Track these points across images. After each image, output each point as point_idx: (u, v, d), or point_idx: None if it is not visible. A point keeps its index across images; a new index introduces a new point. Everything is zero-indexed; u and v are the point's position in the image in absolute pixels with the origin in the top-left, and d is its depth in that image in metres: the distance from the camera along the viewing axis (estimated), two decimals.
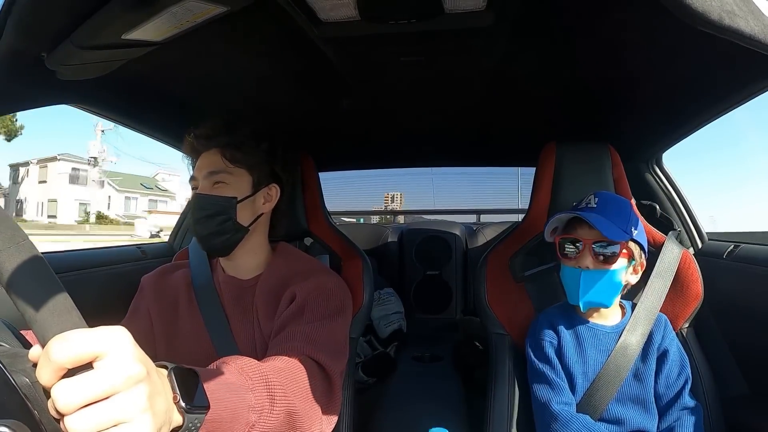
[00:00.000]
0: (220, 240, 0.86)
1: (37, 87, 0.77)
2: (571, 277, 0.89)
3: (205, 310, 0.89)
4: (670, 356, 0.89)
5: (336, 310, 0.83)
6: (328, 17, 0.73)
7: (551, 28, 0.82)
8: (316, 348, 0.72)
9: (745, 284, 1.03)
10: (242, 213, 0.87)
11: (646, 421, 0.86)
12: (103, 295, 1.13)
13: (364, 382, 1.55)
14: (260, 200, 0.91)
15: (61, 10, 0.61)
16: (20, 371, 0.37)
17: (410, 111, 1.28)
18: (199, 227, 0.85)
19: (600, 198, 0.90)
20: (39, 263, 0.36)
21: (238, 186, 0.88)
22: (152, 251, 1.43)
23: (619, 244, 0.86)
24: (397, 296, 1.92)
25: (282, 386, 0.59)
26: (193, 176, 0.89)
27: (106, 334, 0.34)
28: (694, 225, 1.26)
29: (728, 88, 0.91)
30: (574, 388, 0.90)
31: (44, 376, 0.32)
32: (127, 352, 0.34)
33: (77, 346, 0.32)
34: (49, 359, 0.31)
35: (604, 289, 0.87)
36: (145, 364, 0.35)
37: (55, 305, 0.35)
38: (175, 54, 0.81)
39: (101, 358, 0.33)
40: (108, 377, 0.32)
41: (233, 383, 0.52)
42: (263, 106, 1.18)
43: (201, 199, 0.86)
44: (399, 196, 5.19)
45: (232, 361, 0.57)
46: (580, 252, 0.88)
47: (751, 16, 0.43)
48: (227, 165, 0.87)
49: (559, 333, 0.93)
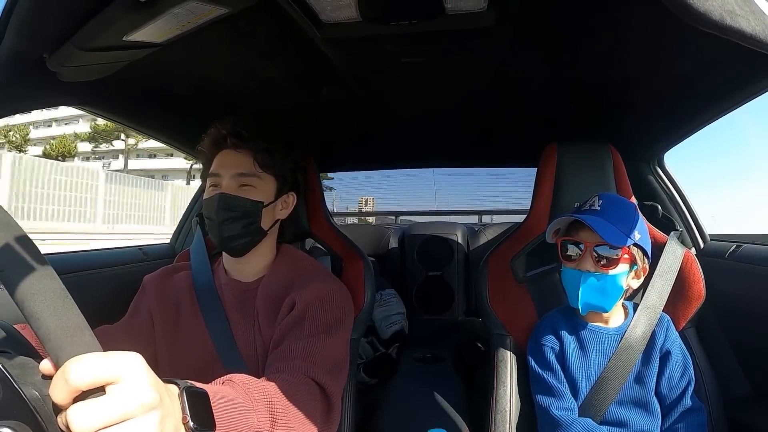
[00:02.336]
0: (242, 242, 0.86)
1: (39, 88, 0.78)
2: (571, 280, 0.88)
3: (206, 313, 0.89)
4: (672, 357, 0.88)
5: (336, 320, 0.83)
6: (330, 18, 0.73)
7: (552, 28, 0.82)
8: (317, 368, 0.73)
9: (747, 284, 1.02)
10: (265, 218, 0.88)
11: (648, 422, 0.86)
12: (104, 297, 1.13)
13: (365, 383, 1.55)
14: (279, 206, 0.93)
15: (62, 12, 0.61)
16: (30, 384, 0.37)
17: (411, 112, 1.28)
18: (223, 228, 0.85)
19: (604, 200, 0.89)
20: (52, 280, 0.36)
21: (265, 191, 0.88)
22: (153, 252, 1.43)
23: (621, 248, 0.85)
24: (398, 297, 1.92)
25: (284, 409, 0.61)
26: (216, 173, 0.88)
27: (122, 359, 0.35)
28: (696, 225, 1.26)
29: (729, 87, 0.91)
30: (576, 392, 0.89)
31: (58, 395, 0.33)
32: (142, 379, 0.35)
33: (94, 371, 0.33)
34: (66, 381, 0.33)
35: (603, 293, 0.86)
36: (158, 389, 0.37)
37: (69, 324, 0.35)
38: (177, 55, 0.81)
39: (116, 383, 0.34)
40: (123, 403, 0.33)
41: (239, 403, 0.54)
42: (264, 107, 1.18)
43: (229, 200, 0.85)
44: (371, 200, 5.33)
45: (239, 380, 0.59)
46: (581, 255, 0.87)
47: (752, 16, 0.43)
48: (257, 169, 0.87)
49: (561, 337, 0.92)
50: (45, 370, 0.37)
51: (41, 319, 0.35)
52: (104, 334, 0.84)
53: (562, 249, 0.91)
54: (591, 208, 0.89)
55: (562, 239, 0.91)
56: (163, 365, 0.88)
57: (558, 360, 0.91)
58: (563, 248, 0.91)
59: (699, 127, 1.11)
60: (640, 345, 0.88)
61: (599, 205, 0.88)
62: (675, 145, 1.26)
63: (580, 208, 0.92)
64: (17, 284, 0.35)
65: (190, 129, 0.91)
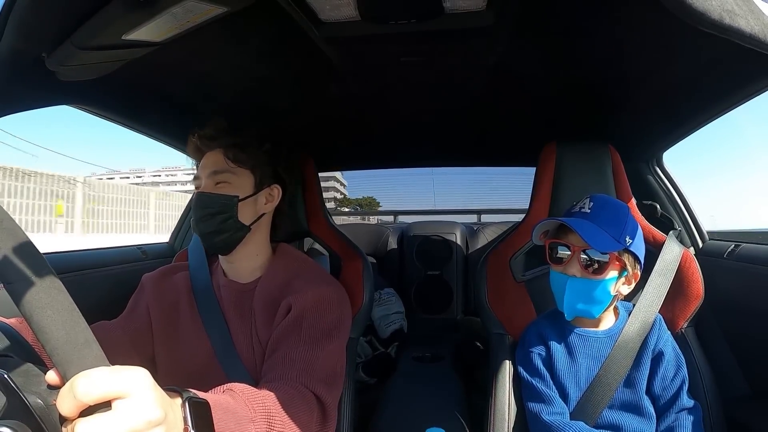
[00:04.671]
0: (221, 238, 0.86)
1: (38, 87, 0.78)
2: (557, 284, 0.87)
3: (204, 314, 0.89)
4: (665, 357, 0.87)
5: (333, 325, 0.83)
6: (329, 17, 0.73)
7: (551, 27, 0.82)
8: (313, 378, 0.74)
9: (745, 284, 1.02)
10: (244, 212, 0.88)
11: (642, 425, 0.84)
12: (103, 296, 1.13)
13: (364, 382, 1.55)
14: (262, 200, 0.92)
15: (61, 11, 0.61)
16: (35, 393, 0.38)
17: (410, 111, 1.28)
18: (201, 225, 0.86)
19: (595, 202, 0.86)
20: (60, 293, 0.37)
21: (241, 185, 0.89)
22: (152, 252, 1.43)
23: (609, 255, 0.82)
24: (397, 296, 1.92)
25: (281, 420, 0.63)
26: (197, 175, 0.91)
27: (129, 375, 0.36)
28: (695, 224, 1.26)
29: (728, 87, 0.91)
30: (566, 398, 0.88)
31: (65, 408, 0.34)
32: (148, 395, 0.36)
33: (102, 387, 0.34)
34: (74, 396, 0.33)
35: (590, 300, 0.84)
36: (163, 406, 0.37)
37: (77, 338, 0.36)
38: (176, 54, 0.81)
39: (122, 399, 0.35)
40: (129, 420, 0.34)
41: (238, 414, 0.56)
42: (263, 106, 1.18)
43: (203, 197, 0.87)
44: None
45: (239, 390, 0.60)
46: (568, 259, 0.85)
47: (751, 16, 0.43)
48: (230, 165, 0.88)
49: (548, 344, 0.91)
50: (51, 381, 0.38)
51: (50, 332, 0.35)
52: (102, 330, 0.84)
53: (551, 251, 0.89)
54: (581, 211, 0.86)
55: (550, 241, 0.89)
56: (161, 365, 0.89)
57: (546, 366, 0.90)
58: (552, 250, 0.88)
59: (698, 127, 1.11)
60: (634, 346, 0.87)
61: (589, 207, 0.85)
62: (674, 145, 1.26)
63: (570, 210, 0.90)
64: (26, 298, 0.35)
65: (188, 128, 0.91)
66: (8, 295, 0.35)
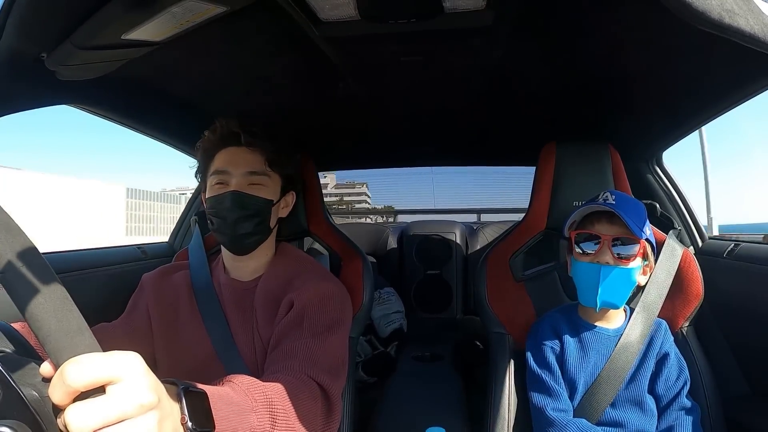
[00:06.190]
0: (252, 240, 0.87)
1: (38, 87, 0.77)
2: (588, 274, 0.86)
3: (205, 312, 0.89)
4: (670, 359, 0.88)
5: (335, 320, 0.83)
6: (328, 17, 0.73)
7: (551, 27, 0.82)
8: (316, 368, 0.73)
9: (745, 283, 1.02)
10: (272, 216, 0.89)
11: (644, 422, 0.86)
12: (103, 295, 1.13)
13: (364, 382, 1.55)
14: (282, 205, 0.94)
15: (61, 11, 0.61)
16: (29, 385, 0.37)
17: (410, 110, 1.28)
18: (237, 226, 0.84)
19: (617, 196, 0.88)
20: (52, 282, 0.36)
21: (272, 189, 0.89)
22: (152, 251, 1.43)
23: (639, 242, 0.85)
24: (397, 295, 1.92)
25: (284, 409, 0.61)
26: (224, 170, 0.86)
27: (121, 359, 0.35)
28: (695, 224, 1.26)
29: (728, 86, 0.91)
30: (574, 393, 0.89)
31: (57, 396, 0.33)
32: (141, 380, 0.35)
33: (92, 371, 0.33)
34: (64, 382, 0.32)
35: (620, 288, 0.85)
36: (157, 390, 0.36)
37: (69, 326, 0.35)
38: (175, 54, 0.81)
39: (115, 383, 0.34)
40: (121, 404, 0.33)
41: (238, 404, 0.54)
42: (263, 106, 1.18)
43: (241, 197, 0.85)
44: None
45: (238, 380, 0.58)
46: (598, 248, 0.86)
47: (750, 15, 0.43)
48: (266, 168, 0.88)
49: (562, 338, 0.91)
50: (45, 372, 0.36)
51: (41, 320, 0.34)
52: (102, 331, 0.84)
53: (578, 242, 0.89)
54: (606, 202, 0.87)
55: (576, 232, 0.89)
56: (162, 364, 0.88)
57: (558, 361, 0.91)
58: (579, 241, 0.89)
59: (697, 126, 1.11)
60: (637, 346, 0.88)
61: (613, 199, 0.87)
62: (673, 144, 1.27)
63: (593, 201, 0.90)
64: (17, 286, 0.35)
65: (188, 128, 0.91)
66: (8, 296, 0.35)
